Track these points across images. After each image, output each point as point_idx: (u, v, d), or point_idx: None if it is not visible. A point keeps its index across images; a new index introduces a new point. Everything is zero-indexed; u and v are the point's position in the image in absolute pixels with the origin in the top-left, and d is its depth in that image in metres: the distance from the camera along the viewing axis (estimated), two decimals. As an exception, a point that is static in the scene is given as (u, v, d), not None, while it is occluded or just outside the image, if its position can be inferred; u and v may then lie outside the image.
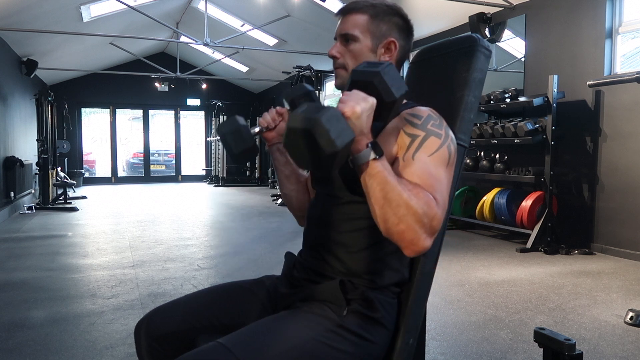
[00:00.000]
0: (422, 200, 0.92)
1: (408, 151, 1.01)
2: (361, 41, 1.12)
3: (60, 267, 3.87)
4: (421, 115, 1.04)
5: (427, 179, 0.97)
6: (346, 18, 1.14)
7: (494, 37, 5.61)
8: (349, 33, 1.13)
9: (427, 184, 0.96)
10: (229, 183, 12.31)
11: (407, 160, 1.00)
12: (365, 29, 1.12)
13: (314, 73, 8.22)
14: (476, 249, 4.55)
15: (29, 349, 2.28)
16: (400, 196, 0.91)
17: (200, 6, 8.63)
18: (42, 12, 6.68)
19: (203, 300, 1.21)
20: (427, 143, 1.00)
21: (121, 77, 11.57)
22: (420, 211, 0.91)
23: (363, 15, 1.13)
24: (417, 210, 0.91)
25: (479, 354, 2.24)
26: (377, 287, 1.08)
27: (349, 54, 1.14)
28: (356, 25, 1.13)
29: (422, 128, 1.02)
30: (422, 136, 1.01)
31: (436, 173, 0.98)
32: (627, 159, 4.22)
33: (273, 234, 5.43)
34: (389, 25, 1.14)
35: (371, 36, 1.13)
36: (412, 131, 1.02)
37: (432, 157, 0.99)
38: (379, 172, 0.92)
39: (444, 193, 0.97)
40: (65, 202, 7.97)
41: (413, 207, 0.91)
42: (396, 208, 0.91)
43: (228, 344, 0.96)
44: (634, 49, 4.53)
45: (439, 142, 1.01)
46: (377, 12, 1.13)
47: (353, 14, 1.14)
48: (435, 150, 1.00)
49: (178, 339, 1.14)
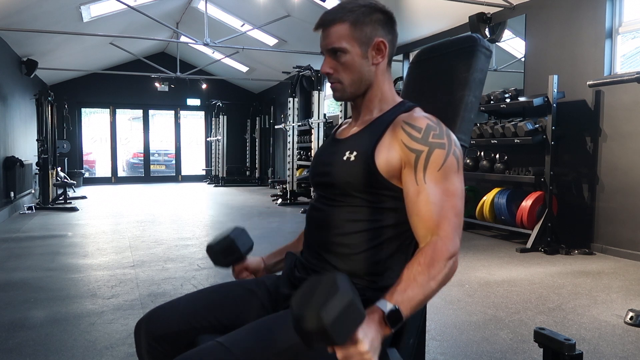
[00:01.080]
0: (435, 270, 0.97)
1: (417, 173, 1.02)
2: (350, 51, 1.11)
3: (60, 267, 3.87)
4: (420, 126, 1.04)
5: (439, 210, 1.00)
6: (328, 31, 1.12)
7: (494, 37, 5.61)
8: (336, 47, 1.11)
9: (441, 214, 1.00)
10: (229, 183, 12.31)
11: (420, 184, 1.02)
12: (350, 37, 1.10)
13: (313, 73, 8.22)
14: (476, 249, 4.55)
15: (29, 349, 2.28)
16: (429, 291, 0.96)
17: (200, 6, 8.62)
18: (42, 12, 6.68)
19: (203, 300, 1.21)
20: (433, 158, 1.01)
21: (121, 77, 11.56)
22: (443, 276, 0.98)
23: (344, 25, 1.11)
24: (440, 280, 0.98)
25: (479, 354, 2.23)
26: (377, 287, 1.09)
27: (341, 67, 1.13)
28: (340, 36, 1.11)
29: (424, 142, 1.03)
30: (426, 151, 1.02)
31: (447, 199, 1.01)
32: (627, 159, 4.22)
33: (273, 234, 5.43)
34: (372, 26, 1.12)
35: (358, 43, 1.11)
36: (414, 146, 1.03)
37: (441, 172, 1.01)
38: (406, 307, 0.93)
39: (452, 219, 1.01)
40: (65, 202, 7.97)
41: (438, 284, 0.98)
42: (433, 293, 0.98)
43: (227, 343, 0.96)
44: (634, 49, 4.53)
45: (444, 154, 1.02)
46: (357, 16, 1.11)
47: (333, 25, 1.11)
48: (442, 163, 1.01)
49: (178, 339, 1.14)
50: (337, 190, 1.12)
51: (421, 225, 1.02)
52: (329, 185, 1.14)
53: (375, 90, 1.16)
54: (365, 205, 1.09)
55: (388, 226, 1.09)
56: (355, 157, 1.09)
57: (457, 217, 1.01)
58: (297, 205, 7.94)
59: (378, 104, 1.16)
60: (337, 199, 1.13)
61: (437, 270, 0.97)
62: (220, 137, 12.36)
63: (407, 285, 0.94)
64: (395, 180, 1.07)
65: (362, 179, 1.07)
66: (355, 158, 1.09)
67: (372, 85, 1.15)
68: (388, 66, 1.17)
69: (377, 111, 1.16)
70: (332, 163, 1.13)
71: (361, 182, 1.08)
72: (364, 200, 1.09)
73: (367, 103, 1.17)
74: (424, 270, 0.96)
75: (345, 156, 1.10)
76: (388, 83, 1.17)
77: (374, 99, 1.16)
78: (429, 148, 1.02)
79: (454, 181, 1.02)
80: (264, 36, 9.32)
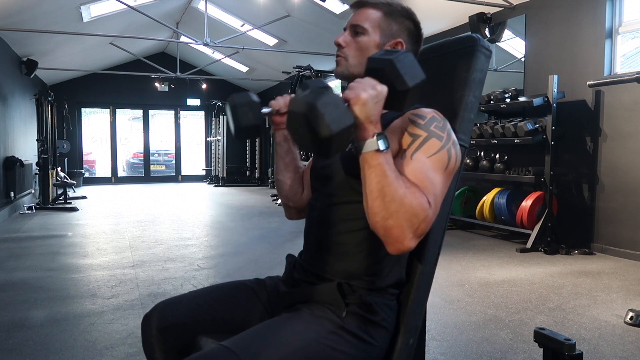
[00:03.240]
0: (416, 200, 0.92)
1: (408, 149, 1.01)
2: (370, 35, 1.13)
3: (60, 267, 3.87)
4: (425, 115, 1.04)
5: (423, 179, 0.96)
6: (360, 10, 1.15)
7: (494, 37, 5.61)
8: (360, 25, 1.13)
9: (423, 185, 0.96)
10: (229, 183, 12.32)
11: (406, 158, 1.00)
12: (376, 24, 1.13)
13: (314, 73, 8.22)
14: (476, 249, 4.55)
15: (29, 349, 2.29)
16: (396, 192, 0.91)
17: (200, 6, 8.62)
18: (42, 12, 6.68)
19: (208, 297, 1.22)
20: (428, 144, 1.00)
21: (121, 77, 11.56)
22: (412, 211, 0.91)
23: (377, 11, 1.13)
24: (409, 209, 0.91)
25: (479, 354, 2.24)
26: (375, 289, 1.08)
27: (354, 45, 1.14)
28: (368, 19, 1.13)
29: (425, 128, 1.02)
30: (424, 137, 1.01)
31: (433, 176, 0.98)
32: (627, 159, 4.22)
33: (273, 234, 5.43)
34: (400, 27, 1.15)
35: (381, 33, 1.13)
36: (414, 131, 1.02)
37: (430, 159, 0.99)
38: (379, 164, 0.92)
39: (437, 197, 0.97)
40: (65, 202, 7.97)
41: (406, 205, 0.91)
42: (389, 203, 0.91)
43: (233, 347, 0.97)
44: (634, 49, 4.53)
45: (439, 145, 1.01)
46: (392, 10, 1.14)
47: (368, 7, 1.14)
48: (435, 152, 1.00)
49: (182, 331, 1.16)
50: (336, 183, 1.12)
51: None
52: (329, 179, 1.14)
53: None
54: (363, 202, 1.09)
55: None
56: None
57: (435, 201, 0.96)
58: (297, 205, 7.92)
59: None
60: (335, 193, 1.13)
61: (414, 199, 0.91)
62: (220, 137, 12.36)
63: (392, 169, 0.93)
64: None
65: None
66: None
67: None
68: None
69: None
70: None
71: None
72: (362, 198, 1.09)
73: None
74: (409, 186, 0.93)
75: (347, 147, 1.10)
76: None
77: None
78: (427, 135, 1.01)
79: (438, 175, 0.98)
80: (264, 36, 9.32)
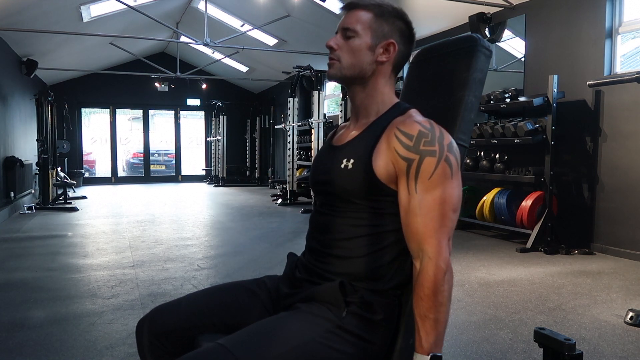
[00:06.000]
0: (439, 296, 1.01)
1: (409, 182, 1.03)
2: (361, 37, 1.13)
3: (60, 267, 3.87)
4: (412, 134, 1.04)
5: (427, 222, 1.02)
6: (351, 13, 1.15)
7: (494, 37, 5.61)
8: (350, 28, 1.13)
9: (428, 231, 1.02)
10: (229, 183, 12.31)
11: (412, 194, 1.03)
12: (367, 26, 1.13)
13: (313, 73, 8.21)
14: (476, 249, 4.54)
15: (29, 349, 2.28)
16: (444, 315, 1.02)
17: (200, 6, 8.62)
18: (42, 12, 6.68)
19: (205, 300, 1.21)
20: (423, 167, 1.02)
21: (121, 77, 11.56)
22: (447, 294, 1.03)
23: (368, 13, 1.13)
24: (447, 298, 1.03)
25: (479, 354, 2.24)
26: (377, 290, 1.09)
27: (346, 48, 1.14)
28: (359, 21, 1.13)
29: (415, 150, 1.03)
30: (417, 160, 1.02)
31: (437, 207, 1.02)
32: (627, 159, 4.22)
33: (273, 234, 5.43)
34: (391, 27, 1.14)
35: (372, 34, 1.13)
36: (406, 154, 1.04)
37: (431, 180, 1.01)
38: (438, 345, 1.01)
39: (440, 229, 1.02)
40: (65, 202, 7.97)
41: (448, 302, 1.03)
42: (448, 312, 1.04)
43: (228, 345, 0.96)
44: (634, 49, 4.53)
45: (434, 162, 1.02)
46: (383, 11, 1.13)
47: (358, 9, 1.14)
48: (433, 171, 1.02)
49: (179, 337, 1.15)
50: (337, 197, 1.13)
51: (411, 238, 1.04)
52: (329, 194, 1.15)
53: (374, 91, 1.16)
54: (367, 211, 1.10)
55: (389, 231, 1.09)
56: (353, 164, 1.09)
57: (447, 225, 1.03)
58: (297, 205, 7.93)
59: (376, 107, 1.16)
60: (338, 205, 1.13)
61: (441, 295, 1.01)
62: (220, 137, 12.36)
63: (425, 327, 1.00)
64: (393, 185, 1.07)
65: (361, 186, 1.08)
66: (353, 166, 1.09)
67: (370, 83, 1.15)
68: (392, 73, 1.18)
69: (375, 114, 1.16)
70: (331, 171, 1.13)
71: (361, 189, 1.08)
72: (365, 207, 1.10)
73: (365, 105, 1.17)
74: (430, 303, 1.00)
75: (343, 164, 1.10)
76: (389, 89, 1.18)
77: (372, 101, 1.16)
78: (420, 156, 1.02)
79: (445, 187, 1.02)
80: (264, 36, 9.32)
